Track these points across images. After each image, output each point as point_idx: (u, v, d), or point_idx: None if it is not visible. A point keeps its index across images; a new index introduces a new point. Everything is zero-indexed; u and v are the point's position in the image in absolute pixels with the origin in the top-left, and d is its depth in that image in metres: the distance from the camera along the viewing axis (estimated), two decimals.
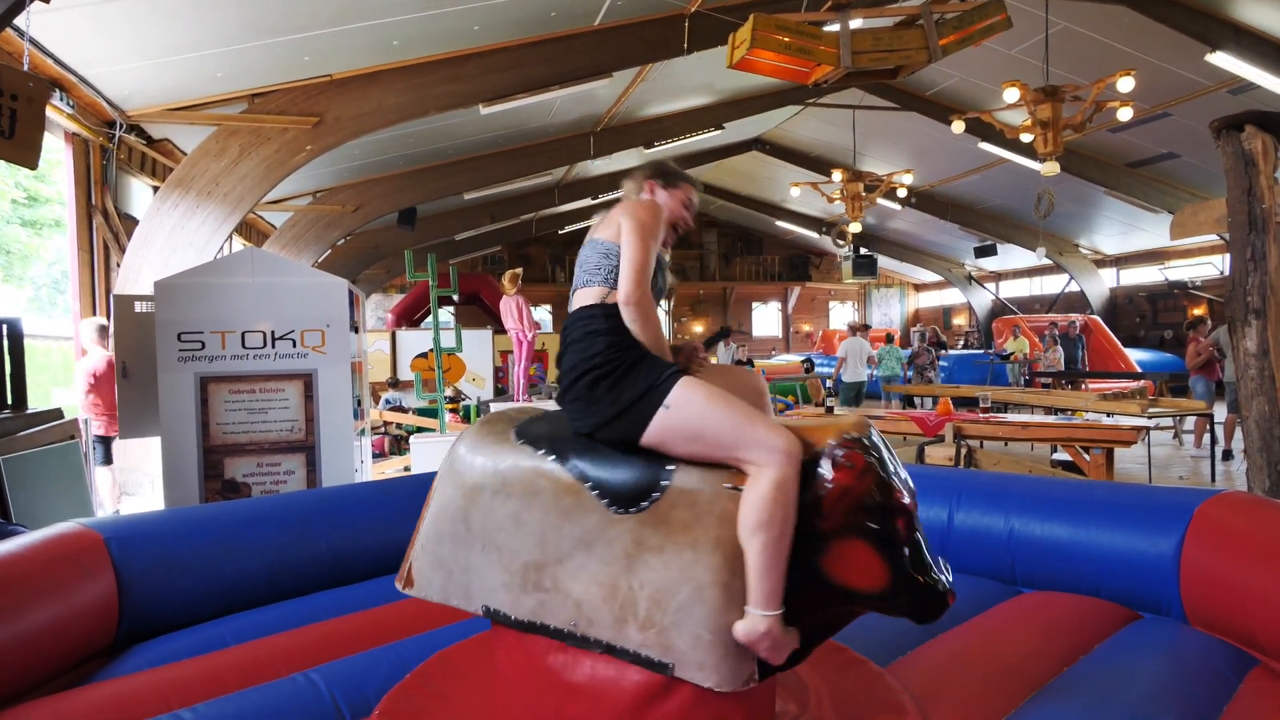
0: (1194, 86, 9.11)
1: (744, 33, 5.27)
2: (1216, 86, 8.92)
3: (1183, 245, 13.95)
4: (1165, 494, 2.34)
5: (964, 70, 9.82)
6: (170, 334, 3.75)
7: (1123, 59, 8.34)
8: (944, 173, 13.93)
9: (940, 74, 10.04)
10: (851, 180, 10.75)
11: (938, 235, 17.64)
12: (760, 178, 17.31)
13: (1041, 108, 6.96)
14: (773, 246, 22.32)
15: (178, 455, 3.72)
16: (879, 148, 13.38)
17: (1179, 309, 14.74)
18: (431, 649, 1.85)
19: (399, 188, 10.13)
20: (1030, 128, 7.10)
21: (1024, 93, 6.92)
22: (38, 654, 1.73)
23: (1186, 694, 1.66)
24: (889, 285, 23.27)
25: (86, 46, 5.09)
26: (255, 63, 5.87)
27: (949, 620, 2.10)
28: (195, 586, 2.17)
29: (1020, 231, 15.41)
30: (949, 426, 5.07)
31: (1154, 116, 9.86)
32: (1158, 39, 8.13)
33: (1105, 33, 8.37)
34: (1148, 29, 7.98)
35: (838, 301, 23.38)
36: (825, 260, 22.47)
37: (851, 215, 10.88)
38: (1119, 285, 16.33)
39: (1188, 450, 7.34)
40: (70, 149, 5.87)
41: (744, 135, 14.25)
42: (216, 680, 1.73)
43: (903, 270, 22.16)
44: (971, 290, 19.60)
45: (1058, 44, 8.11)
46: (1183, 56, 8.36)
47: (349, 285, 4.21)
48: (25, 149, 3.32)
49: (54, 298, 6.85)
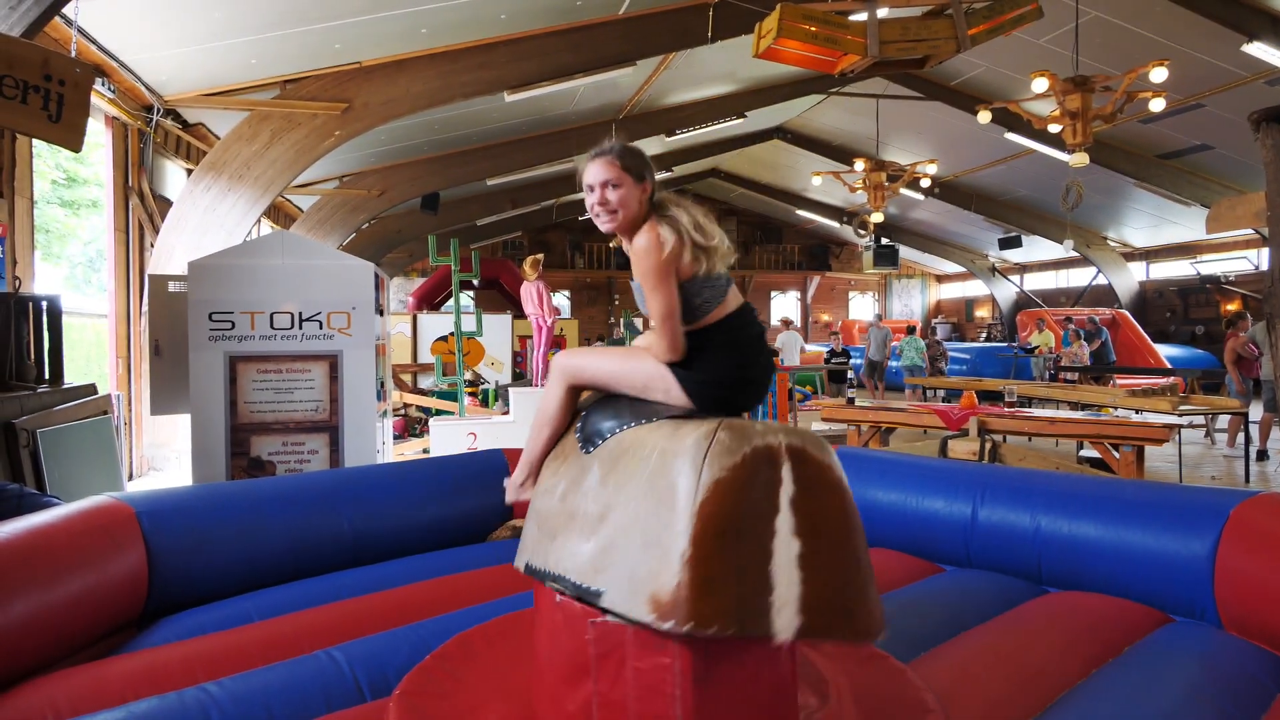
0: (1229, 77, 8.79)
1: (770, 22, 5.16)
2: (1253, 77, 8.60)
3: (1215, 239, 13.52)
4: (1200, 494, 2.25)
5: (991, 60, 9.56)
6: (202, 313, 3.78)
7: (1155, 49, 8.05)
8: (969, 163, 13.63)
9: (967, 63, 9.78)
10: (874, 170, 10.56)
11: (961, 226, 17.30)
12: (781, 166, 17.08)
13: (1071, 98, 6.75)
14: (792, 235, 22.06)
15: (206, 432, 3.77)
16: (902, 137, 13.12)
17: (1211, 304, 14.32)
18: (451, 631, 1.84)
19: (423, 173, 10.15)
20: (1059, 118, 6.90)
21: (1053, 83, 6.71)
22: (69, 623, 1.75)
23: (1220, 701, 1.60)
24: (910, 276, 22.91)
25: (129, 33, 5.14)
26: (288, 50, 5.88)
27: (974, 617, 2.06)
28: (222, 562, 2.18)
29: (1046, 223, 15.06)
30: (973, 420, 4.97)
31: (1187, 107, 9.53)
32: (1192, 28, 7.84)
33: (1137, 22, 8.09)
34: (1181, 18, 7.70)
35: (857, 292, 23.08)
36: (845, 250, 22.17)
37: (873, 205, 10.69)
38: (1148, 279, 15.90)
39: (1220, 449, 7.14)
40: (110, 132, 5.94)
41: (766, 123, 14.05)
42: (242, 655, 1.74)
43: (925, 261, 21.80)
44: (995, 282, 19.23)
45: (1088, 33, 7.86)
46: (1218, 46, 8.05)
47: (375, 269, 4.21)
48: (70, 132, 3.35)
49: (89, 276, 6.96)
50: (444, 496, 2.73)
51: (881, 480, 2.83)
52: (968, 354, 12.78)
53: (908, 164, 11.03)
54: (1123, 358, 11.92)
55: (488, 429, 5.04)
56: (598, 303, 20.82)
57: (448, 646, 1.75)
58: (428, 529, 2.64)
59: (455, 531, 2.70)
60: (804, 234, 22.00)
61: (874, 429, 5.70)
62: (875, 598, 1.25)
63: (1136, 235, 15.25)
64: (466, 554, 2.55)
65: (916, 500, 2.69)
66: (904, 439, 6.79)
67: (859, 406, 5.85)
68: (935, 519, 2.62)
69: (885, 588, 2.31)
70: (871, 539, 2.82)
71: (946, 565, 2.62)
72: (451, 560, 2.47)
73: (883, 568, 2.52)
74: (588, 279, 20.61)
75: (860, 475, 2.87)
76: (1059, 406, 7.03)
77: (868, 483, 2.84)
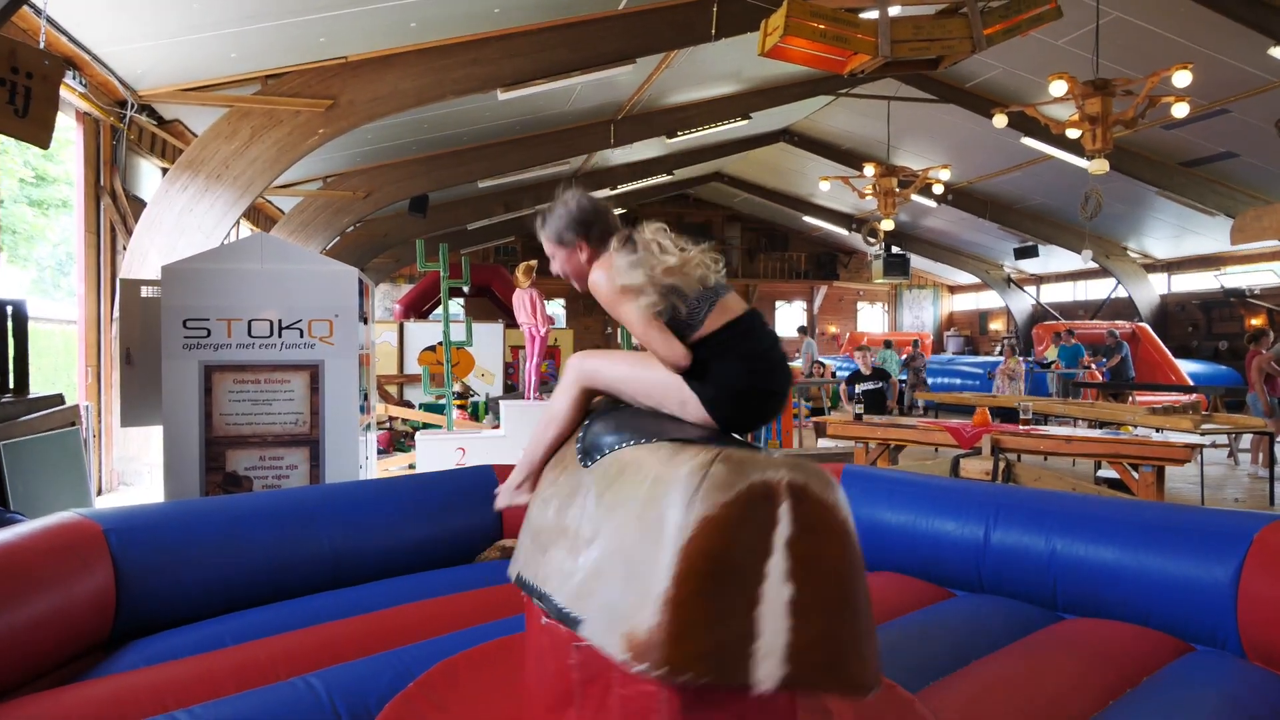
0: (1256, 82, 8.89)
1: (777, 19, 5.21)
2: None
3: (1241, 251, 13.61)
4: (1222, 517, 2.27)
5: (1007, 61, 9.66)
6: (176, 320, 3.79)
7: (1179, 51, 8.15)
8: (983, 169, 13.73)
9: (982, 65, 9.89)
10: (884, 175, 10.64)
11: (975, 234, 17.40)
12: (787, 170, 17.19)
13: (1090, 102, 6.83)
14: (799, 243, 22.15)
15: (180, 446, 3.76)
16: (914, 141, 13.22)
17: (1235, 318, 14.39)
18: (435, 657, 1.84)
19: (411, 174, 10.19)
20: (1078, 123, 6.97)
21: (1072, 86, 6.79)
22: (31, 648, 1.75)
23: None
24: (921, 286, 23.00)
25: (101, 25, 5.17)
26: (269, 43, 5.93)
27: (985, 645, 2.07)
28: (194, 582, 2.18)
29: (1064, 232, 15.15)
30: (986, 438, 4.99)
31: (1211, 113, 9.63)
32: (1216, 31, 7.94)
33: (1160, 24, 8.20)
34: (1205, 20, 7.79)
35: (866, 302, 23.15)
36: (854, 259, 22.26)
37: (884, 212, 10.76)
38: (1170, 292, 15.99)
39: (1243, 470, 7.17)
40: (81, 128, 5.97)
41: (772, 126, 14.15)
42: (214, 681, 1.74)
43: (936, 271, 21.90)
44: (1010, 294, 19.31)
45: (1109, 35, 7.95)
46: (1243, 50, 8.15)
47: (359, 274, 4.23)
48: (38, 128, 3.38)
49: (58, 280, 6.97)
50: (430, 515, 2.74)
51: (890, 501, 2.84)
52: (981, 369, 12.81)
53: (920, 169, 11.11)
54: (1143, 373, 11.96)
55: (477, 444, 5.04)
56: (594, 311, 20.84)
57: (432, 673, 1.75)
58: (413, 549, 2.64)
59: (441, 552, 2.70)
60: (811, 242, 22.10)
61: (882, 447, 5.72)
62: (872, 650, 1.22)
63: (1158, 246, 15.35)
64: (453, 575, 2.55)
65: (926, 522, 2.70)
66: (914, 457, 6.80)
67: (867, 423, 5.87)
68: (946, 541, 2.63)
69: (893, 613, 2.32)
70: (879, 562, 2.83)
71: (957, 590, 2.63)
72: (437, 582, 2.47)
73: (891, 592, 2.53)
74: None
75: (868, 495, 2.88)
76: (1076, 424, 7.06)
77: (876, 503, 2.85)
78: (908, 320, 22.89)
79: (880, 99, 11.64)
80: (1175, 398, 8.46)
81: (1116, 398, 9.83)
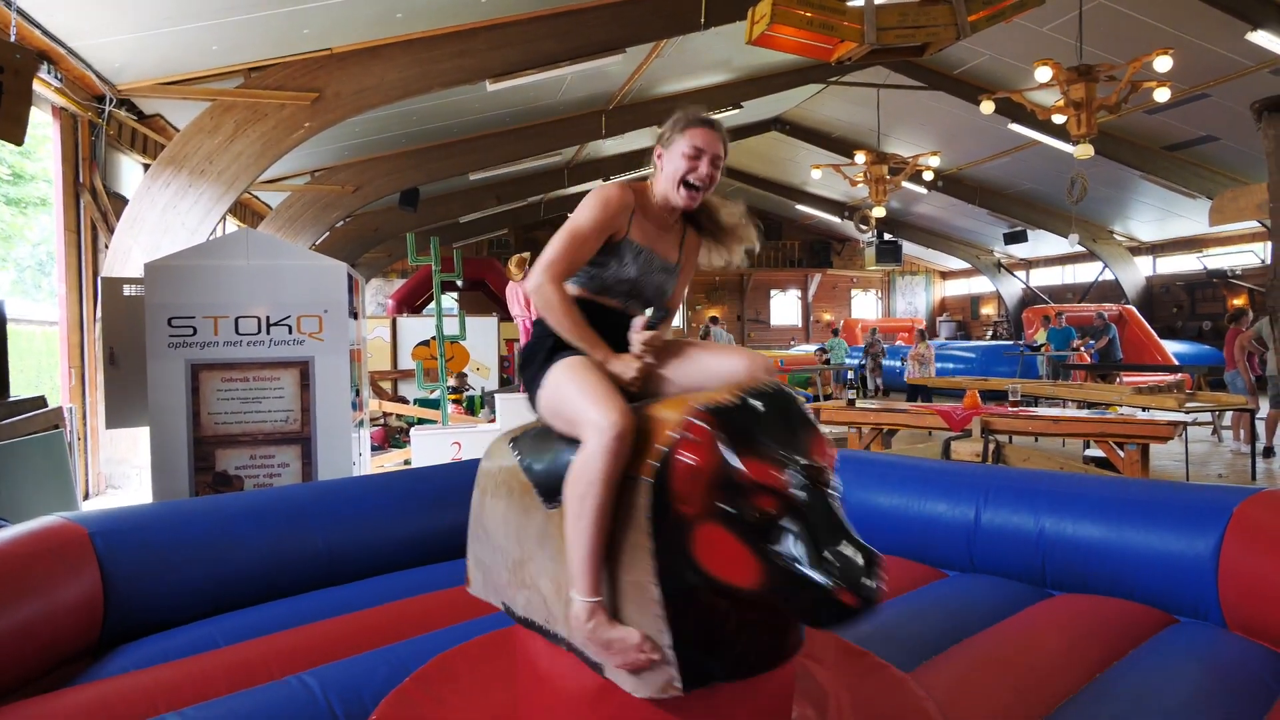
0: (1234, 66, 8.93)
1: (764, 7, 5.19)
2: (1257, 67, 8.75)
3: (1222, 232, 13.73)
4: (1203, 492, 2.30)
5: (994, 48, 9.66)
6: (160, 319, 3.74)
7: (1160, 37, 8.18)
8: (972, 155, 13.76)
9: (969, 52, 9.88)
10: (875, 162, 10.64)
11: (965, 220, 17.45)
12: (780, 159, 17.17)
13: (1075, 88, 6.85)
14: (792, 231, 22.17)
15: (167, 446, 3.72)
16: (904, 128, 13.23)
17: (1218, 299, 14.53)
18: (430, 652, 1.83)
19: (401, 167, 10.10)
20: (1063, 108, 6.99)
21: (1057, 72, 6.80)
22: (17, 655, 1.72)
23: (1225, 702, 1.64)
24: (914, 272, 23.08)
25: (76, 16, 5.06)
26: (252, 35, 5.83)
27: (977, 623, 2.08)
28: (184, 584, 2.16)
29: (1052, 217, 15.22)
30: (976, 421, 5.01)
31: (1192, 97, 9.68)
32: (1196, 16, 7.97)
33: (1142, 9, 8.22)
34: (1186, 6, 7.83)
35: (860, 289, 23.22)
36: (847, 246, 22.30)
37: (875, 199, 10.78)
38: (1155, 274, 16.13)
39: (1227, 446, 7.26)
40: (58, 124, 5.87)
41: (763, 115, 14.12)
42: (206, 683, 1.72)
43: (928, 257, 21.98)
44: (1000, 278, 19.42)
45: (1092, 21, 7.96)
46: (1222, 35, 8.19)
47: (348, 269, 4.19)
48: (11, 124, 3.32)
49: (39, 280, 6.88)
50: (425, 510, 2.72)
51: (882, 484, 2.85)
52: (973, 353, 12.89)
53: (910, 156, 11.12)
54: (1130, 354, 12.06)
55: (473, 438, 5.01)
56: None
57: (428, 668, 1.74)
58: (408, 544, 2.63)
59: (437, 547, 2.68)
60: (804, 230, 22.11)
61: (875, 431, 5.74)
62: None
63: (1143, 229, 15.45)
64: (448, 570, 2.53)
65: (919, 504, 2.72)
66: (906, 441, 6.83)
67: (860, 408, 5.88)
68: (938, 523, 2.65)
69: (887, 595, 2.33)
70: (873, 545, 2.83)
71: (949, 570, 2.65)
72: (432, 577, 2.45)
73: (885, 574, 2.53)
74: None
75: (861, 479, 2.89)
76: (1065, 405, 7.11)
77: (868, 487, 2.86)
78: (901, 306, 22.98)
79: (870, 86, 11.62)
80: (1161, 377, 8.53)
81: (1104, 379, 9.90)
